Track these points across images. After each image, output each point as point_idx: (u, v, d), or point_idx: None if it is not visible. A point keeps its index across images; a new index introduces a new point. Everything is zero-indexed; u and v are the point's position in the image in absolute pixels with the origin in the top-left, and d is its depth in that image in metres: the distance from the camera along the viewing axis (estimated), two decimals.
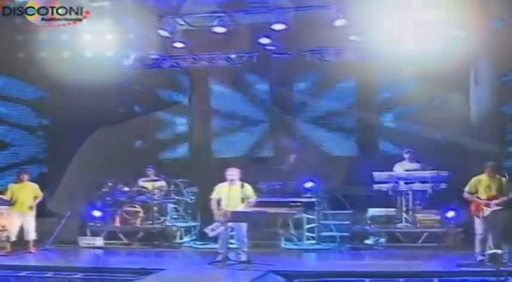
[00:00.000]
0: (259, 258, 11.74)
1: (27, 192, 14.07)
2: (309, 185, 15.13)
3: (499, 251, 10.26)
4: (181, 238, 15.51)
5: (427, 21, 13.08)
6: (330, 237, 15.09)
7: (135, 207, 15.55)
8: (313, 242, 14.96)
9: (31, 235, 13.99)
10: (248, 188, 12.34)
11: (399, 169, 15.06)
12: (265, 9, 13.71)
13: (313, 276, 10.94)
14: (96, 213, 15.51)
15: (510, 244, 11.10)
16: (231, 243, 12.50)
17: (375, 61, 15.02)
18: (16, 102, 16.53)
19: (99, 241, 14.99)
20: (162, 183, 15.98)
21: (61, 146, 15.80)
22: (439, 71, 14.56)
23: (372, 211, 14.81)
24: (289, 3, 13.58)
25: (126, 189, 15.85)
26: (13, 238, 13.86)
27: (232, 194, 12.12)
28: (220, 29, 14.10)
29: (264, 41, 14.75)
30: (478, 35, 13.18)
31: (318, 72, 16.60)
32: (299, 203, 14.96)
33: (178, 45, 15.18)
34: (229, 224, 11.98)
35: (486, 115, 13.70)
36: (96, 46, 14.52)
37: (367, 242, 14.59)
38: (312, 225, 15.14)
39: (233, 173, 12.29)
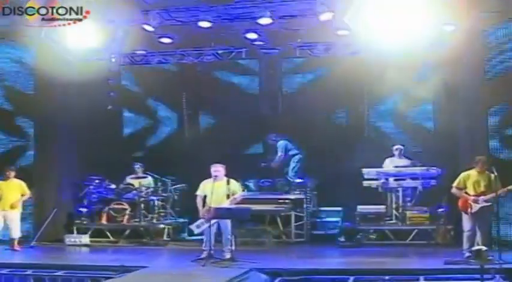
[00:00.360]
0: (246, 255, 11.61)
1: (13, 189, 13.89)
2: (297, 181, 14.99)
3: (484, 248, 10.05)
4: (168, 235, 15.34)
5: (416, 14, 12.85)
6: (318, 234, 14.97)
7: (122, 204, 15.42)
8: (302, 239, 14.85)
9: (15, 233, 13.80)
10: (234, 184, 12.19)
11: (389, 165, 14.92)
12: (250, 3, 13.48)
13: (297, 274, 10.74)
14: (83, 211, 15.38)
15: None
16: (219, 241, 12.29)
17: (363, 56, 14.82)
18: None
19: (85, 239, 14.80)
20: (149, 180, 15.85)
21: (48, 143, 15.57)
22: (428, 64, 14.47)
23: (361, 208, 14.62)
24: None
25: (112, 186, 15.73)
26: None
27: (217, 190, 11.93)
28: (205, 24, 13.92)
29: (251, 36, 14.60)
30: (468, 29, 12.99)
31: (307, 68, 16.37)
32: (287, 200, 14.85)
33: (166, 40, 15.03)
34: (214, 221, 11.82)
35: (475, 110, 13.49)
36: (81, 42, 14.29)
37: (356, 239, 14.37)
38: (301, 222, 15.01)
39: (218, 169, 12.12)
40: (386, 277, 10.37)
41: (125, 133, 17.85)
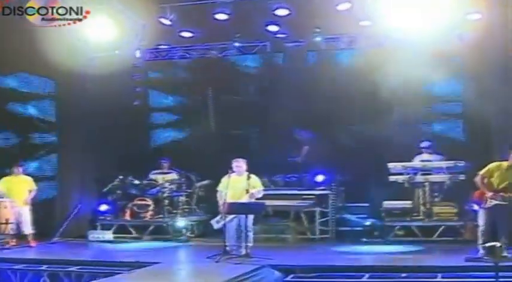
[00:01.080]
0: (264, 252, 11.35)
1: (22, 185, 13.92)
2: (319, 178, 14.70)
3: (498, 244, 9.55)
4: (192, 232, 15.19)
5: (439, 4, 12.50)
6: (344, 231, 14.65)
7: (145, 200, 15.33)
8: (327, 235, 14.55)
9: (27, 229, 13.78)
10: (254, 179, 11.99)
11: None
12: None
13: (311, 270, 10.49)
14: (107, 207, 15.37)
15: None
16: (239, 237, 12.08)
17: (388, 47, 14.43)
18: (33, 98, 16.27)
19: (109, 235, 14.79)
20: (174, 175, 15.71)
21: (72, 139, 15.62)
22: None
23: (387, 204, 14.24)
24: None
25: (136, 182, 15.66)
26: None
27: (233, 185, 11.79)
28: (222, 16, 13.74)
29: (273, 28, 14.36)
30: (492, 17, 12.54)
31: (332, 60, 16.02)
32: (311, 196, 14.55)
33: (186, 34, 14.91)
34: (232, 216, 11.63)
35: (503, 101, 13.00)
36: (103, 37, 14.28)
37: (382, 235, 13.99)
38: (326, 218, 14.70)
39: (239, 164, 11.98)
40: (403, 274, 10.05)
41: (150, 129, 17.71)
